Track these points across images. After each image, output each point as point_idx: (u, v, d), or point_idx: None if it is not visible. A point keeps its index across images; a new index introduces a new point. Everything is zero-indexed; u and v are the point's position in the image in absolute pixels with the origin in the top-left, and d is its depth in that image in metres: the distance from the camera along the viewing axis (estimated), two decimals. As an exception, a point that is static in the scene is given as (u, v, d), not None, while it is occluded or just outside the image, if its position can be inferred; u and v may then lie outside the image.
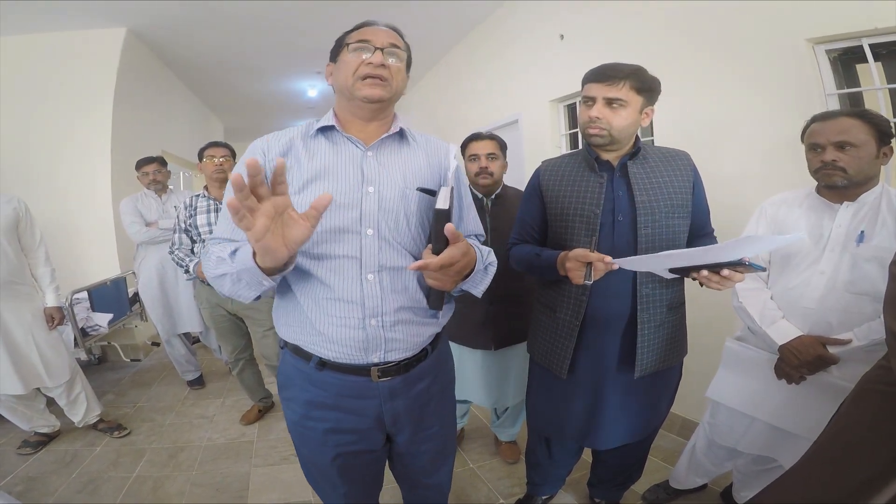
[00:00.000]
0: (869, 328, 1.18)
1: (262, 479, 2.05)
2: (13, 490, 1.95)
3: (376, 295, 0.92)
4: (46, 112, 3.49)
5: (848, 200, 1.25)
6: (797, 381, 1.28)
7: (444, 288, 0.90)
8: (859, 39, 1.67)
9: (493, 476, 2.03)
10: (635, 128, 1.25)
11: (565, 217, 1.32)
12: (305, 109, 6.79)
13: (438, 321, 1.04)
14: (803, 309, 1.29)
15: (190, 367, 3.08)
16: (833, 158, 1.21)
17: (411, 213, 0.95)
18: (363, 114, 0.96)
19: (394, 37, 0.96)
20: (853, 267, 1.22)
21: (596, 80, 1.22)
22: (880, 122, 1.19)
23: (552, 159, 1.45)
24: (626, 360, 1.31)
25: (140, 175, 2.98)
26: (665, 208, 1.25)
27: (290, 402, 1.07)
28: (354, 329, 0.93)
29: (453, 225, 0.81)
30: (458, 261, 0.84)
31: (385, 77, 0.92)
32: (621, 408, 1.36)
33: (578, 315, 1.31)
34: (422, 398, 1.05)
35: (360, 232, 0.91)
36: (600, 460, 1.67)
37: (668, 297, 1.30)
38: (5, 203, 2.14)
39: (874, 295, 1.18)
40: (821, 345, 1.23)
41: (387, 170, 0.96)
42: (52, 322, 2.22)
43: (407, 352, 0.99)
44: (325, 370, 0.97)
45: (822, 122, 1.25)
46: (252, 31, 3.89)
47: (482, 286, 1.00)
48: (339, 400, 0.99)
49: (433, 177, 1.01)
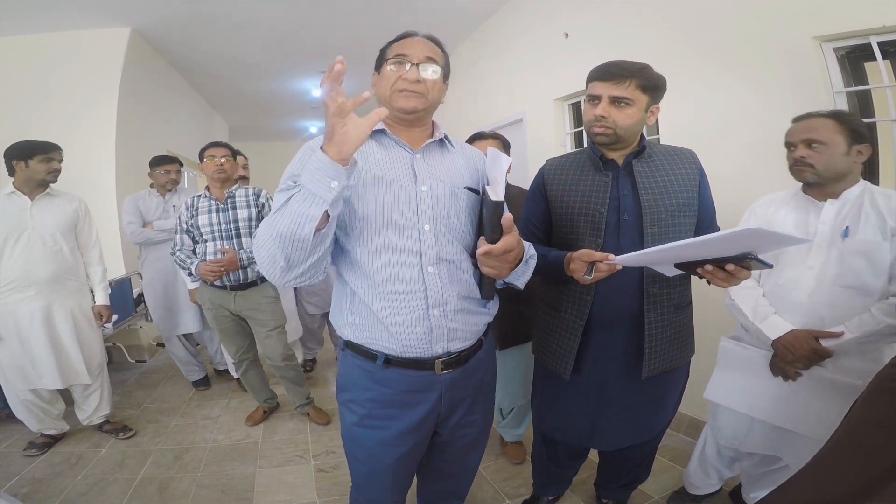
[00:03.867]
0: (860, 321, 1.23)
1: (268, 480, 2.05)
2: (19, 492, 1.96)
3: (437, 286, 0.99)
4: (51, 111, 3.50)
5: (831, 198, 1.30)
6: (793, 377, 1.30)
7: (500, 275, 0.98)
8: (867, 37, 1.65)
9: (498, 477, 2.03)
10: (641, 126, 1.24)
11: (570, 216, 1.31)
12: (309, 109, 6.79)
13: (489, 311, 1.12)
14: (794, 304, 1.32)
15: (193, 368, 3.08)
16: (802, 155, 1.28)
17: (461, 209, 1.04)
18: (403, 122, 1.05)
19: (430, 49, 1.03)
20: (840, 261, 1.26)
21: (601, 78, 1.20)
22: (852, 121, 1.26)
23: (556, 158, 1.44)
24: (633, 360, 1.29)
25: (159, 172, 2.95)
26: (671, 207, 1.24)
27: (350, 404, 1.10)
28: (420, 321, 0.99)
29: None
30: (514, 247, 0.93)
31: (420, 91, 0.99)
32: (628, 409, 1.35)
33: (583, 315, 1.30)
34: (475, 388, 1.13)
35: (417, 227, 0.98)
36: (607, 461, 1.66)
37: (676, 296, 1.29)
38: (67, 203, 2.26)
39: (862, 288, 1.24)
40: (813, 338, 1.26)
41: (435, 171, 1.04)
42: (100, 319, 2.33)
43: (466, 341, 1.06)
44: (390, 367, 1.02)
45: (797, 123, 1.33)
46: (256, 31, 3.90)
47: (525, 278, 1.09)
48: (405, 396, 1.04)
49: (473, 178, 1.09)
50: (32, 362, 2.14)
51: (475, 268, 1.04)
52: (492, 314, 1.14)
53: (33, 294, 2.12)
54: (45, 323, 2.14)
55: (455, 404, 1.10)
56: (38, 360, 2.14)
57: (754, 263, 0.96)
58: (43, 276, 2.12)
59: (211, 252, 2.20)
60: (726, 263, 0.97)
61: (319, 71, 5.13)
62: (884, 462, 0.91)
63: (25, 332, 2.12)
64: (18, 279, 2.09)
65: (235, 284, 2.23)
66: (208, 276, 2.13)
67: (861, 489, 0.93)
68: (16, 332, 2.11)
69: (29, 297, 2.11)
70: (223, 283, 2.22)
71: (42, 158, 2.13)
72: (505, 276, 1.00)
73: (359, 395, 1.07)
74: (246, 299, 2.26)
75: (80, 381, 2.26)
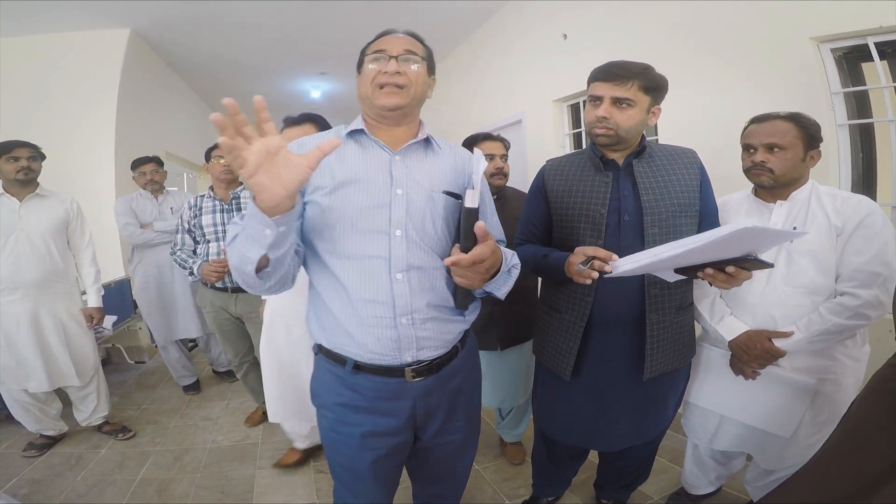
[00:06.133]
0: (809, 320, 1.26)
1: (267, 481, 2.04)
2: (18, 493, 1.95)
3: (406, 293, 0.95)
4: (50, 112, 3.50)
5: (781, 199, 1.33)
6: (751, 376, 1.34)
7: (472, 286, 0.93)
8: (865, 38, 1.66)
9: (498, 477, 2.03)
10: (642, 127, 1.24)
11: (570, 217, 1.31)
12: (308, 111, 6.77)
13: (465, 318, 1.07)
14: (748, 305, 1.35)
15: (185, 373, 3.05)
16: (762, 160, 1.29)
17: (437, 215, 0.99)
18: (386, 121, 1.00)
19: (410, 43, 0.98)
20: (789, 261, 1.29)
21: (603, 79, 1.20)
22: (810, 126, 1.27)
23: (556, 158, 1.44)
24: (634, 361, 1.29)
25: (136, 175, 2.95)
26: (672, 207, 1.23)
27: (322, 409, 1.08)
28: (386, 329, 0.95)
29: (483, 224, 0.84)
30: (486, 258, 0.87)
31: (402, 84, 0.95)
32: (628, 410, 1.35)
33: (583, 316, 1.29)
34: (453, 395, 1.08)
35: (388, 233, 0.94)
36: (607, 462, 1.66)
37: (677, 297, 1.29)
38: (58, 203, 2.22)
39: (809, 287, 1.27)
40: (767, 339, 1.29)
41: (414, 174, 0.99)
42: (90, 321, 2.29)
43: (438, 349, 1.01)
44: (360, 373, 0.99)
45: (758, 124, 1.32)
46: (255, 33, 3.90)
47: (505, 288, 1.03)
48: (375, 402, 1.01)
49: (457, 182, 1.04)
50: (20, 365, 2.12)
51: (450, 276, 0.99)
52: (468, 322, 1.09)
53: (20, 297, 2.09)
54: (33, 326, 2.12)
55: (431, 412, 1.06)
56: (26, 362, 2.12)
57: (754, 264, 0.96)
58: (30, 278, 2.10)
59: (214, 252, 2.20)
60: (726, 266, 0.97)
61: (320, 72, 5.14)
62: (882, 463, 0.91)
63: (13, 335, 2.09)
64: (5, 282, 2.06)
65: (236, 286, 2.22)
66: (211, 276, 2.13)
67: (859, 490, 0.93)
68: (3, 334, 2.09)
69: (16, 300, 2.09)
70: (224, 285, 2.21)
71: (7, 158, 2.07)
72: (478, 286, 0.95)
73: (329, 399, 1.04)
74: (247, 302, 2.26)
75: (68, 383, 2.23)
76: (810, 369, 1.30)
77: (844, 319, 1.21)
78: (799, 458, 1.29)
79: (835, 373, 1.30)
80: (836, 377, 1.30)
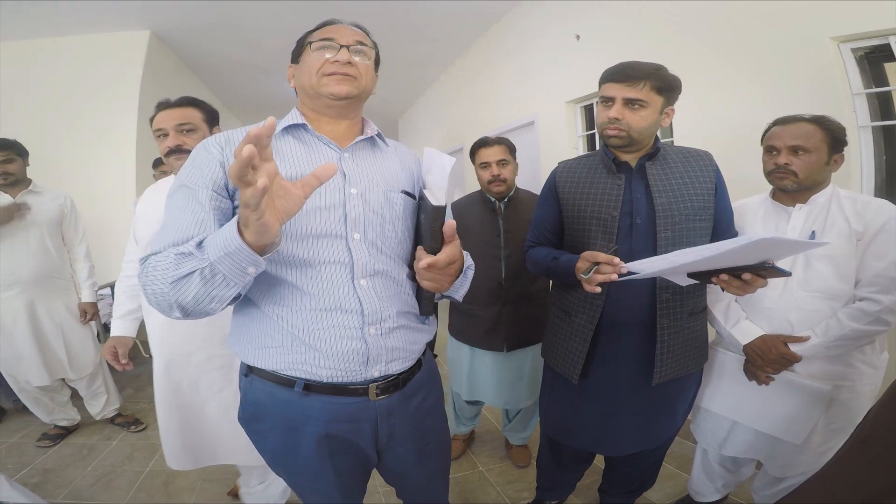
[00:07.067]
0: (827, 325, 1.23)
1: (273, 476, 2.05)
2: (29, 482, 1.99)
3: (373, 301, 0.87)
4: (75, 112, 3.59)
5: (800, 203, 1.30)
6: (765, 381, 1.31)
7: (441, 289, 0.89)
8: (887, 37, 1.62)
9: (502, 480, 2.01)
10: (655, 128, 1.23)
11: (582, 219, 1.29)
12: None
13: (429, 328, 1.01)
14: (764, 309, 1.33)
15: None
16: (786, 162, 1.26)
17: (396, 216, 0.92)
18: (331, 112, 0.92)
19: (360, 35, 0.92)
20: (806, 266, 1.26)
21: (615, 79, 1.19)
22: (836, 129, 1.24)
23: (568, 160, 1.43)
24: (644, 366, 1.27)
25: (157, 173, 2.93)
26: (686, 211, 1.21)
27: (266, 434, 0.93)
28: (353, 340, 0.85)
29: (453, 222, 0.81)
30: (458, 258, 0.85)
31: (352, 74, 0.88)
32: (637, 415, 1.33)
33: (593, 320, 1.28)
34: (418, 414, 0.99)
35: (345, 236, 0.86)
36: (613, 467, 1.63)
37: (690, 302, 1.27)
38: (51, 200, 2.25)
39: (827, 292, 1.24)
40: (782, 343, 1.27)
41: (367, 172, 0.92)
42: (84, 316, 2.31)
43: (406, 361, 0.94)
44: (311, 395, 0.87)
45: (783, 126, 1.29)
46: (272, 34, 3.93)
47: (463, 290, 0.99)
48: (329, 426, 0.89)
49: (409, 181, 0.98)
50: (18, 358, 2.16)
51: (412, 281, 0.94)
52: (432, 332, 1.02)
53: (17, 292, 2.13)
54: (30, 321, 2.15)
55: (394, 434, 0.95)
56: (24, 356, 2.16)
57: (771, 271, 0.93)
58: (27, 274, 2.13)
59: None
60: (742, 272, 0.95)
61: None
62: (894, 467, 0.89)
63: (10, 329, 2.13)
64: (2, 277, 2.10)
65: None
66: None
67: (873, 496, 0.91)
68: (2, 330, 2.12)
69: (13, 296, 2.13)
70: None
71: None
72: (445, 289, 0.90)
73: (276, 423, 0.90)
74: None
75: (66, 375, 2.28)
76: (826, 375, 1.27)
77: (864, 325, 1.17)
78: (810, 465, 1.27)
79: (851, 379, 1.27)
80: (852, 384, 1.27)
